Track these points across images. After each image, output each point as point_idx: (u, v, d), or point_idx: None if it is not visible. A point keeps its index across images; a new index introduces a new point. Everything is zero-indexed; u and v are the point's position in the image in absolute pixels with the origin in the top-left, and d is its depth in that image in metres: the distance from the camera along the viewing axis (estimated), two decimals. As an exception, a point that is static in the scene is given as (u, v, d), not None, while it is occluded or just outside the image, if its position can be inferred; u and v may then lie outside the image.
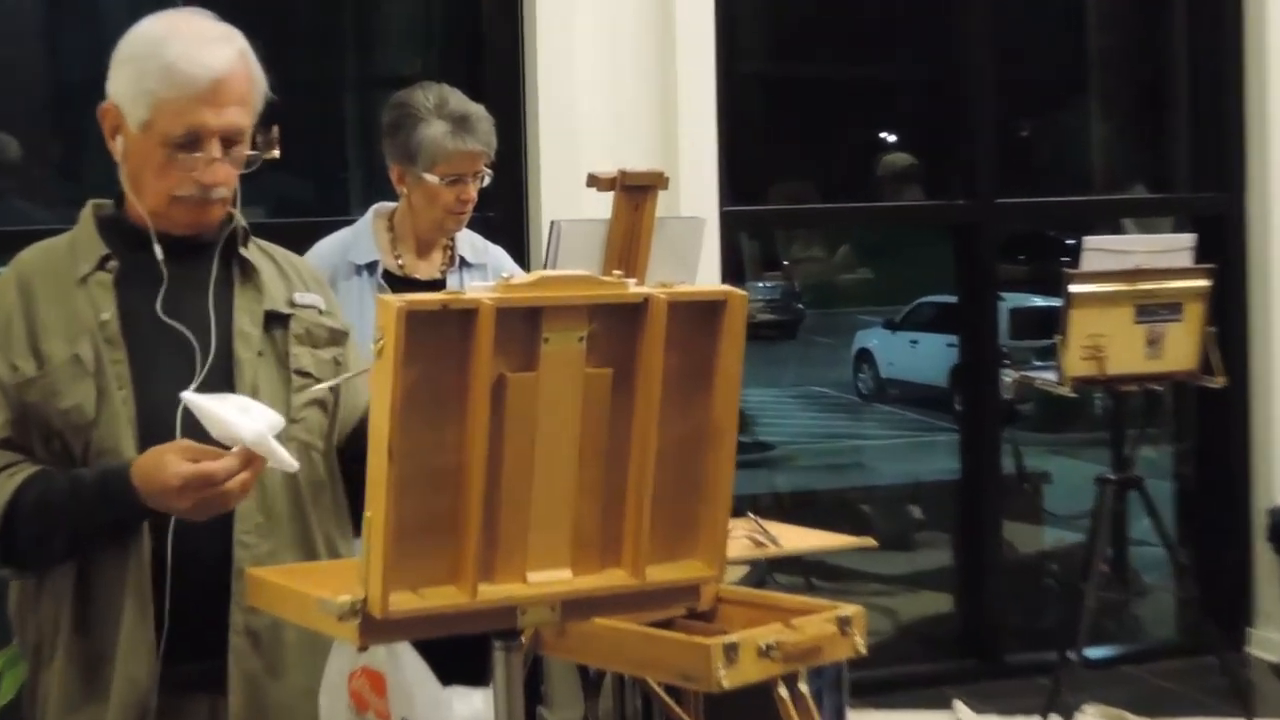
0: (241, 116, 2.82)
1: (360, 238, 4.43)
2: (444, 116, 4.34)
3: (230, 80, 2.80)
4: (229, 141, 2.82)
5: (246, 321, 2.90)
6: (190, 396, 2.63)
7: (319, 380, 2.89)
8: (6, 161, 5.71)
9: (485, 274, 4.48)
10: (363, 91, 4.56)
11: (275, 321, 2.92)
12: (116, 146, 2.88)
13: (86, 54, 6.07)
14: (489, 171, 4.42)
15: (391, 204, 4.52)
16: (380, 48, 6.63)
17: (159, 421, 2.77)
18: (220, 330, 2.87)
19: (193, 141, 2.79)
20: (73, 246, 2.91)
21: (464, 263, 4.51)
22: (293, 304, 2.95)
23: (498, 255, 4.62)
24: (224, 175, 2.83)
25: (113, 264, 2.87)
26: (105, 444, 2.77)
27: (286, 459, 2.62)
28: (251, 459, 2.60)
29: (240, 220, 2.96)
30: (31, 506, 2.74)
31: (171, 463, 2.62)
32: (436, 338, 2.19)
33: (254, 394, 2.80)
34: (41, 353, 2.80)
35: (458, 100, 4.38)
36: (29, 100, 5.88)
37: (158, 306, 2.83)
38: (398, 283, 4.38)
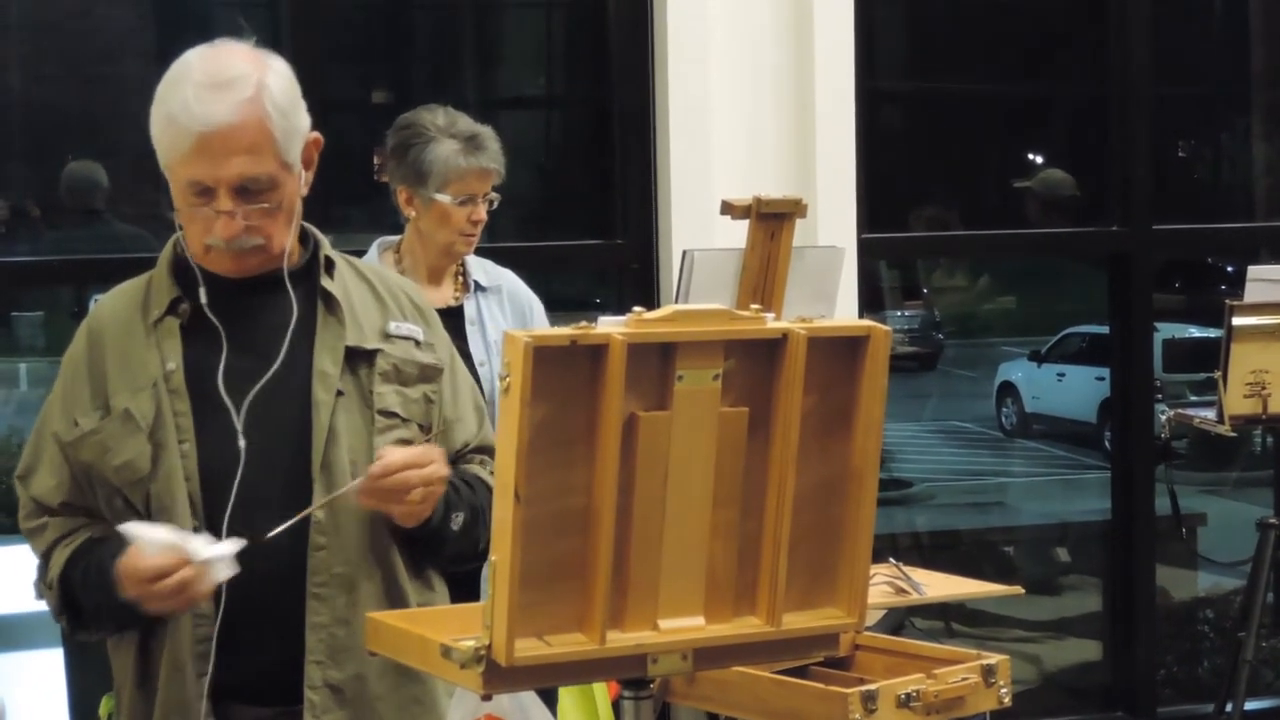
0: (253, 165, 2.68)
1: None
2: (454, 135, 4.35)
3: (233, 131, 2.67)
4: (247, 191, 2.69)
5: (326, 360, 2.80)
6: (126, 528, 2.64)
7: (405, 421, 2.82)
8: (101, 189, 5.70)
9: (500, 297, 4.47)
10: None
11: (359, 358, 2.82)
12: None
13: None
14: (496, 195, 4.41)
15: (394, 237, 4.51)
16: (502, 69, 6.61)
17: (223, 474, 2.71)
18: (299, 370, 2.78)
19: (202, 193, 2.70)
20: (148, 287, 2.85)
21: (479, 287, 4.48)
22: (387, 334, 2.85)
23: (510, 279, 4.57)
24: (236, 229, 2.71)
25: (184, 308, 2.80)
26: (163, 500, 2.73)
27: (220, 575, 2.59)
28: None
29: (325, 249, 2.87)
30: (79, 582, 2.76)
31: (143, 556, 2.61)
32: (565, 375, 2.17)
33: (331, 437, 2.75)
34: (110, 407, 2.77)
35: (466, 120, 4.40)
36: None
37: (219, 377, 2.75)
38: None
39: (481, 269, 4.52)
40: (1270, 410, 5.38)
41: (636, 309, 2.26)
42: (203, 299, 2.78)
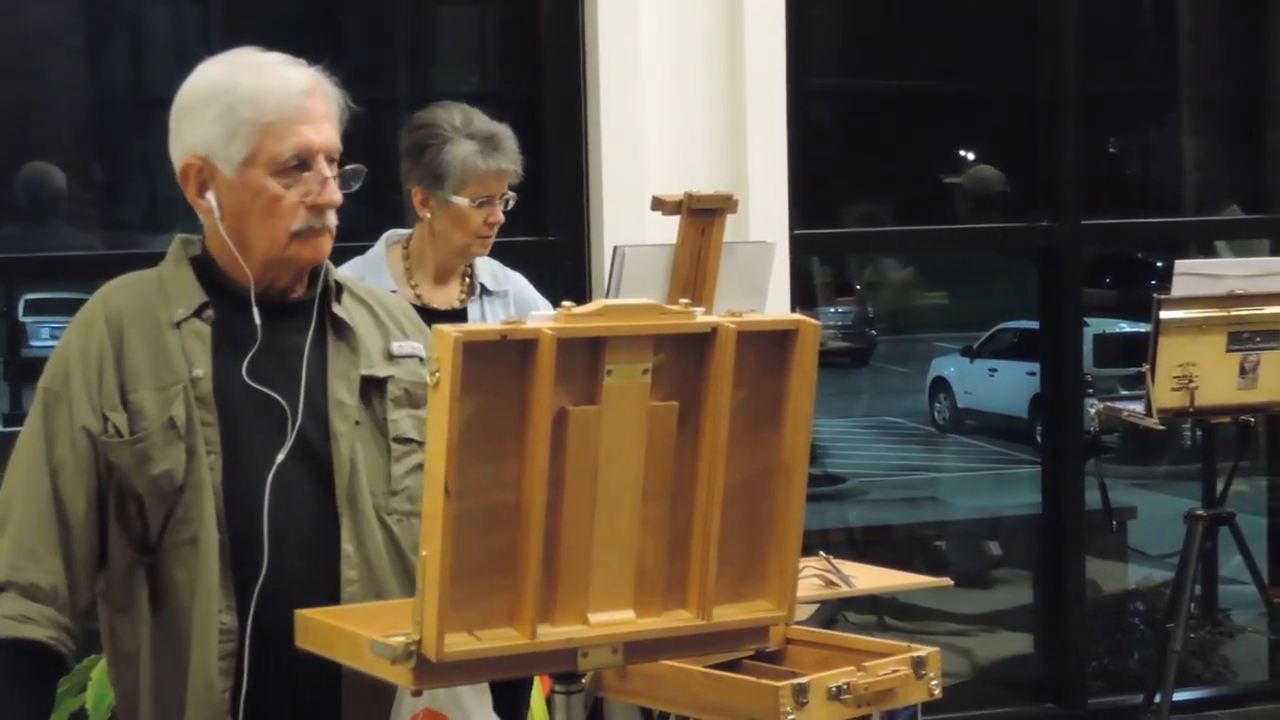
0: (334, 134, 2.73)
1: (374, 267, 4.30)
2: (472, 136, 4.25)
3: (317, 96, 2.71)
4: (331, 157, 2.72)
5: (342, 389, 2.75)
6: None
7: (420, 444, 2.72)
8: (52, 190, 5.66)
9: (507, 301, 4.39)
10: (416, 111, 4.53)
11: (372, 386, 2.78)
12: (208, 202, 2.72)
13: (126, 75, 5.99)
14: (513, 195, 4.32)
15: (405, 231, 4.42)
16: (435, 66, 6.60)
17: (247, 493, 2.66)
18: (315, 400, 2.73)
19: (302, 163, 2.68)
20: (163, 285, 2.77)
21: (484, 290, 4.40)
22: (390, 355, 2.81)
23: (519, 283, 4.50)
24: (338, 195, 2.72)
25: (209, 313, 2.73)
26: (190, 512, 2.65)
27: None
28: None
29: (334, 274, 2.83)
30: None
31: None
32: (495, 370, 2.17)
33: (351, 467, 2.70)
34: (131, 404, 2.67)
35: (482, 119, 4.29)
36: (71, 123, 5.83)
37: (244, 370, 2.70)
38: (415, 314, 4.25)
39: (489, 271, 4.44)
40: (1197, 403, 5.40)
41: (566, 304, 2.25)
42: (256, 318, 2.70)
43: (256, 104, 2.65)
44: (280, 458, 2.65)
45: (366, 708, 2.67)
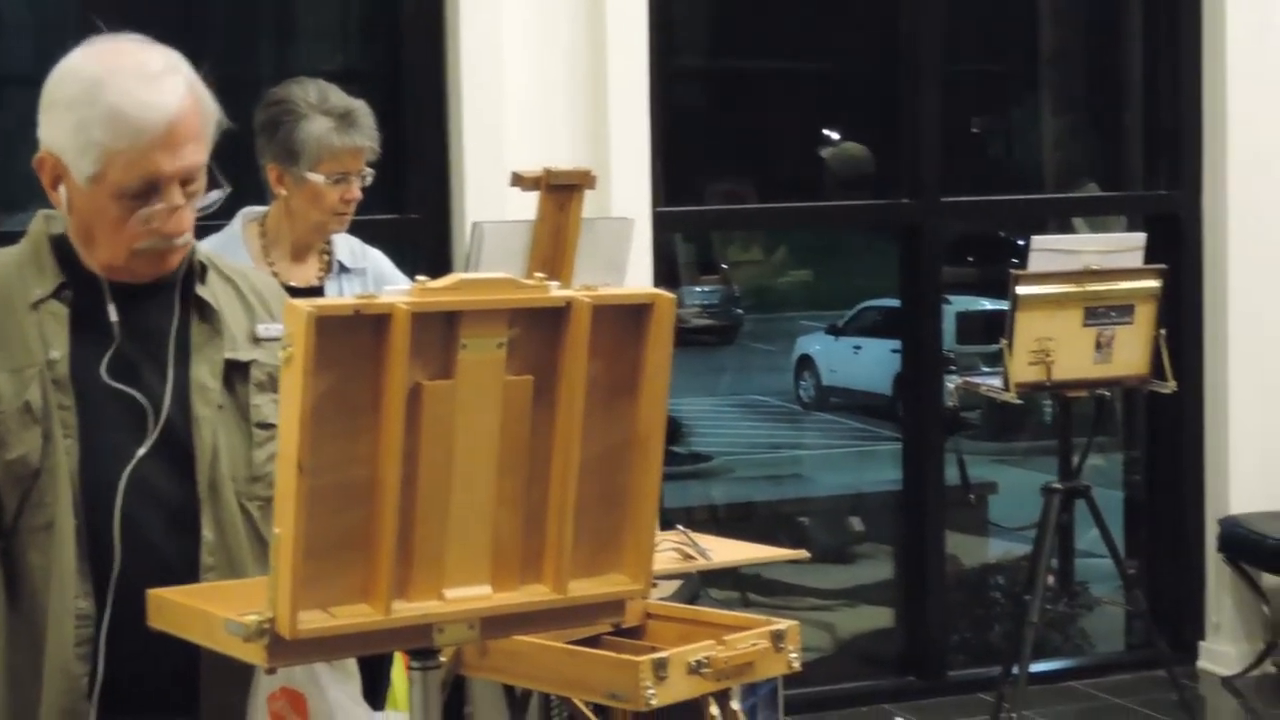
0: (198, 154, 2.60)
1: (230, 245, 4.23)
2: (327, 112, 4.19)
3: (183, 118, 2.57)
4: (186, 182, 2.60)
5: (206, 373, 2.69)
6: None
7: None
8: None
9: (365, 279, 4.32)
10: (273, 87, 4.47)
11: (236, 370, 2.71)
12: (59, 197, 2.64)
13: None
14: (370, 170, 4.27)
15: (261, 208, 4.34)
16: (297, 43, 6.51)
17: (103, 482, 2.59)
18: (178, 384, 2.67)
19: (150, 190, 2.57)
20: (22, 263, 2.69)
21: (343, 268, 4.34)
22: (256, 338, 2.74)
23: (378, 260, 4.45)
24: (188, 222, 2.63)
25: (68, 294, 2.65)
26: (45, 497, 2.59)
27: None
28: None
29: (199, 253, 2.75)
30: None
31: None
32: (348, 345, 2.14)
33: (213, 453, 2.65)
34: None
35: (339, 95, 4.23)
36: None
37: (103, 368, 2.62)
38: None
39: (348, 248, 4.39)
40: (1054, 377, 5.46)
41: (420, 278, 2.24)
42: (112, 315, 2.64)
43: (112, 128, 2.54)
44: (141, 451, 2.60)
45: (226, 690, 2.64)
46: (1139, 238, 5.73)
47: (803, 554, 4.13)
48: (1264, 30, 6.55)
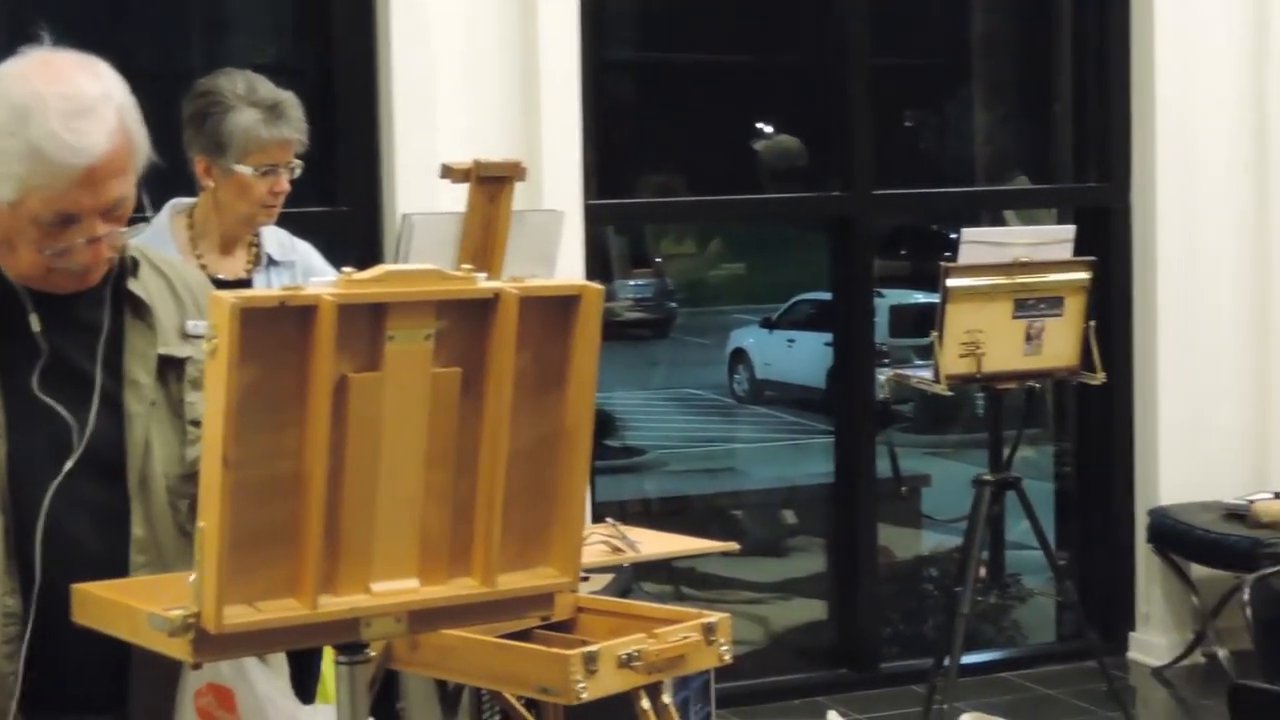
0: (122, 187, 2.56)
1: (158, 237, 4.20)
2: (255, 104, 4.18)
3: (108, 159, 2.52)
4: (109, 211, 2.56)
5: (139, 369, 2.67)
6: None
7: None
8: None
9: (294, 272, 4.31)
10: (200, 79, 4.43)
11: (170, 366, 2.69)
12: None
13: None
14: (299, 163, 4.26)
15: (190, 200, 4.33)
16: (227, 36, 6.48)
17: (30, 482, 2.57)
18: (110, 382, 2.64)
19: (68, 221, 2.53)
20: None
21: (271, 261, 4.34)
22: (185, 334, 2.71)
23: (306, 252, 4.44)
24: (106, 252, 2.58)
25: None
26: None
27: None
28: None
29: (130, 248, 2.70)
30: None
31: None
32: (273, 336, 2.14)
33: (145, 450, 2.63)
34: None
35: (267, 87, 4.23)
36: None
37: (34, 380, 2.59)
38: None
39: (276, 241, 4.37)
40: (984, 369, 5.48)
41: (346, 269, 2.23)
42: (34, 325, 2.61)
43: (31, 164, 2.49)
44: (69, 465, 2.57)
45: (155, 687, 2.63)
46: (1068, 230, 5.76)
47: (731, 546, 4.15)
48: (1192, 23, 6.59)
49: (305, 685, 3.04)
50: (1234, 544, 6.15)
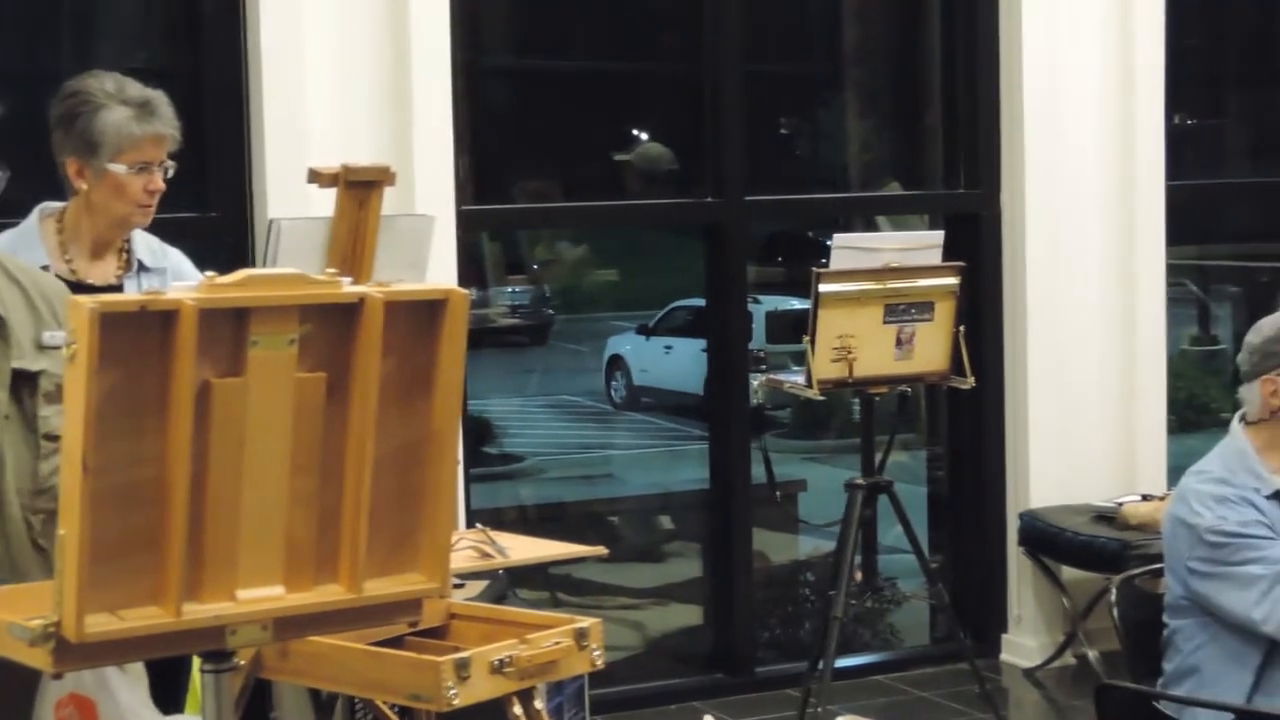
0: None
1: (26, 241, 4.15)
2: (125, 101, 4.10)
3: None
4: None
5: None
6: None
7: None
8: None
9: (164, 278, 4.22)
10: (67, 81, 4.38)
11: (24, 380, 2.69)
12: None
13: None
14: (172, 162, 4.20)
15: (59, 204, 4.25)
16: (98, 39, 6.38)
17: None
18: None
19: None
20: None
21: (142, 266, 4.26)
22: (41, 345, 2.72)
23: (177, 259, 4.38)
24: None
25: None
26: None
27: None
28: None
29: None
30: None
31: None
32: (134, 342, 2.12)
33: None
34: None
35: (135, 85, 4.15)
36: None
37: None
38: (69, 289, 4.10)
39: (147, 247, 4.30)
40: (856, 374, 5.49)
41: (209, 274, 2.21)
42: None
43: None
44: None
45: (14, 698, 2.60)
46: (937, 236, 5.78)
47: (599, 550, 4.15)
48: (1059, 31, 6.66)
49: (174, 693, 3.02)
50: (1103, 546, 6.22)
